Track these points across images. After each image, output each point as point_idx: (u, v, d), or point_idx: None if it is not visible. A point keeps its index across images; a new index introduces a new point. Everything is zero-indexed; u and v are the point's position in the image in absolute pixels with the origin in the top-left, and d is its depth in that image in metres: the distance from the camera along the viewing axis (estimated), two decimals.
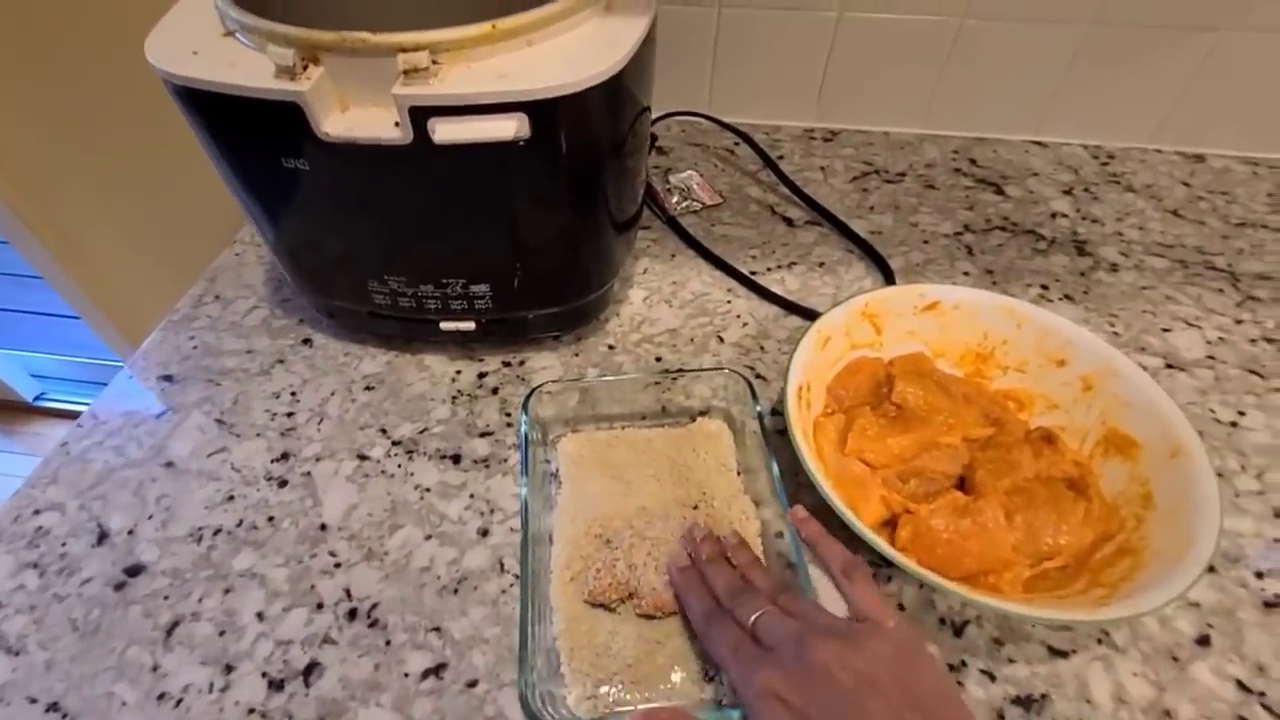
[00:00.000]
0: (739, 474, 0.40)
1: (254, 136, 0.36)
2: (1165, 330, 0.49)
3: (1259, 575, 0.36)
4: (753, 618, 0.30)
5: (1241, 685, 0.33)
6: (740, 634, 0.30)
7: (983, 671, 0.33)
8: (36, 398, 1.62)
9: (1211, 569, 0.36)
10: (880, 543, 0.32)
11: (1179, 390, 0.45)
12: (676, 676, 0.32)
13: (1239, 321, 0.50)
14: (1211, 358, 0.47)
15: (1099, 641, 0.34)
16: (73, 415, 1.62)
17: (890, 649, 0.27)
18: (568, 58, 0.34)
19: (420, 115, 0.33)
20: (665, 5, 0.40)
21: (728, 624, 0.30)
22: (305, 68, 0.33)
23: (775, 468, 0.37)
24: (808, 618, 0.29)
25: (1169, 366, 0.47)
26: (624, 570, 0.34)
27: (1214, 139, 0.64)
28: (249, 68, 0.33)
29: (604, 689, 0.32)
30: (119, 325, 1.13)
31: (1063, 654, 0.34)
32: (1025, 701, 0.32)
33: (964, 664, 0.33)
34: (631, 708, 0.31)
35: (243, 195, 0.40)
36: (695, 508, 0.38)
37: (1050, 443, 0.39)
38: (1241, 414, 0.44)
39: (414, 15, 0.37)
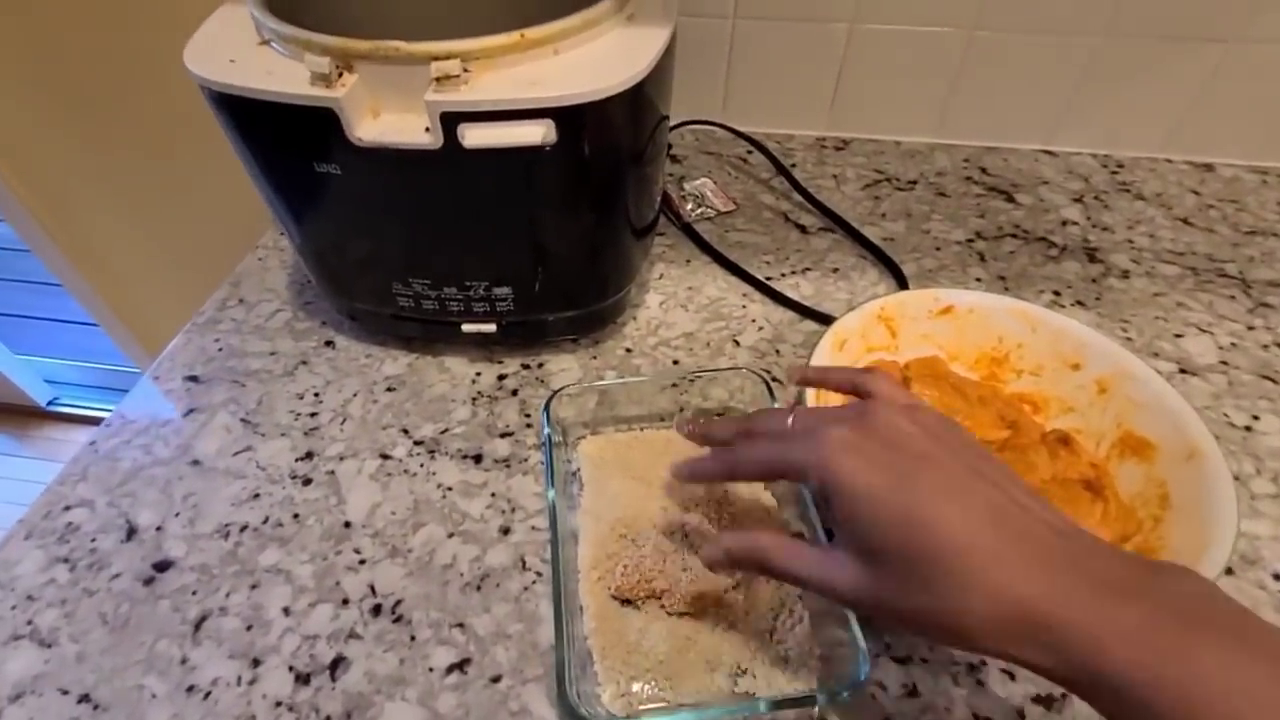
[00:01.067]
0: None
1: (288, 142, 0.37)
2: (1178, 336, 0.49)
3: (1276, 577, 0.36)
4: (790, 419, 0.27)
5: None
6: (783, 432, 0.27)
7: (1003, 671, 0.33)
8: (50, 403, 1.64)
9: (1229, 571, 0.36)
10: None
11: (1193, 395, 0.45)
12: (707, 672, 0.33)
13: (1251, 328, 0.50)
14: (1225, 363, 0.48)
15: None
16: (86, 420, 1.63)
17: (936, 417, 0.26)
18: (593, 66, 0.35)
19: (451, 121, 0.34)
20: (681, 17, 0.41)
21: (760, 437, 0.28)
22: (340, 75, 0.34)
23: None
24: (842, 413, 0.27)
25: (1182, 371, 0.47)
26: (650, 568, 0.34)
27: (1223, 148, 0.64)
28: (285, 75, 0.34)
29: (636, 686, 0.32)
30: (136, 332, 1.15)
31: None
32: (1046, 700, 0.32)
33: (983, 663, 0.34)
34: (665, 704, 0.32)
35: (273, 199, 0.41)
36: (717, 504, 0.38)
37: (1066, 445, 0.39)
38: (1256, 418, 0.44)
39: (441, 24, 0.38)
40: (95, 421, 0.43)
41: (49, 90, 0.85)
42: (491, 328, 0.46)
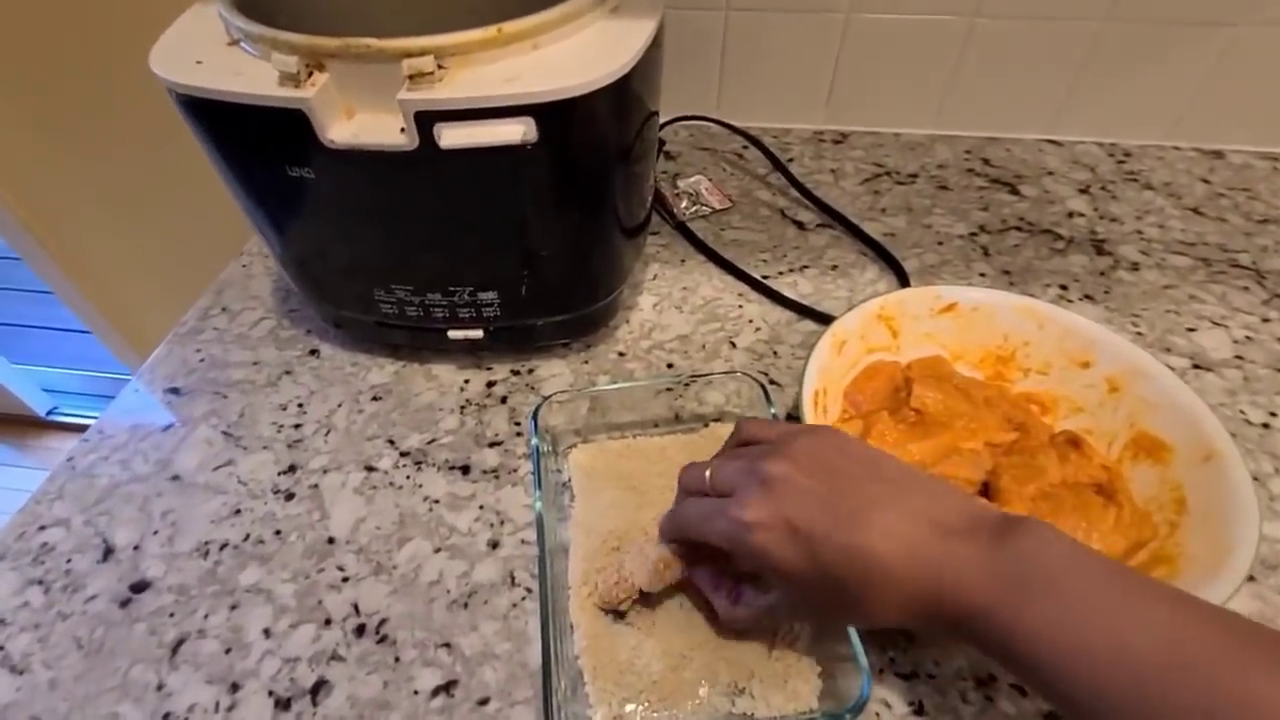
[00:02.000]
0: None
1: (259, 145, 0.35)
2: (1190, 330, 0.48)
3: None
4: (705, 475, 0.31)
5: None
6: (703, 500, 0.30)
7: (1013, 686, 0.32)
8: (49, 412, 1.63)
9: (1250, 577, 0.35)
10: None
11: (1207, 391, 0.44)
12: (704, 691, 0.31)
13: (1266, 320, 0.48)
14: (1240, 358, 0.46)
15: None
16: (85, 429, 1.62)
17: (811, 438, 0.29)
18: (574, 60, 0.34)
19: (426, 120, 0.32)
20: (672, 9, 0.40)
21: (689, 501, 0.31)
22: (310, 75, 0.32)
23: None
24: (749, 454, 0.30)
25: (1196, 367, 0.45)
26: (633, 571, 0.33)
27: (1233, 135, 0.62)
28: (253, 76, 0.33)
29: (630, 707, 0.31)
30: (129, 339, 1.14)
31: None
32: (1058, 718, 0.31)
33: (993, 678, 0.32)
34: None
35: (248, 205, 0.40)
36: None
37: (1077, 447, 0.37)
38: (1273, 415, 0.42)
39: (419, 21, 0.37)
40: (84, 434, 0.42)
41: (35, 99, 0.84)
42: (478, 334, 0.44)
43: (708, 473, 0.31)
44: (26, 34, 0.78)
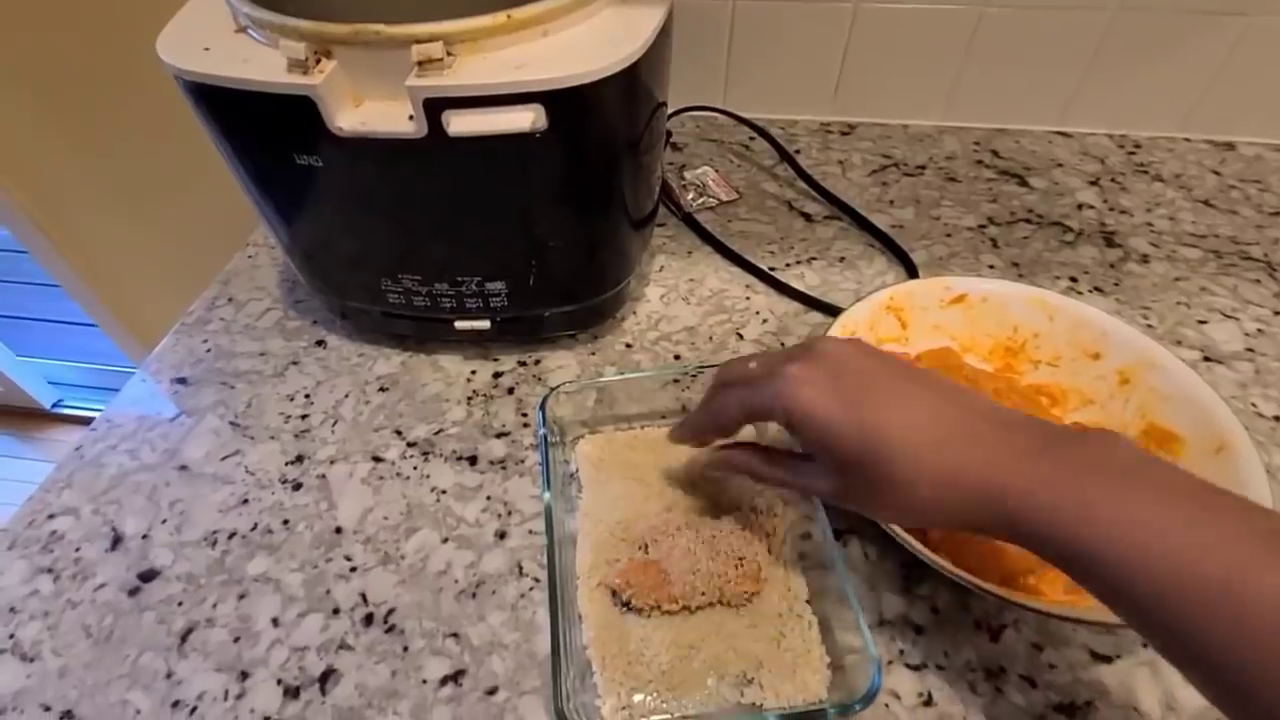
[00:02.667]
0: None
1: (267, 133, 0.35)
2: (1201, 322, 0.47)
3: None
4: (752, 364, 0.31)
5: None
6: (747, 377, 0.31)
7: (1023, 677, 0.32)
8: (54, 404, 1.64)
9: None
10: (913, 543, 0.31)
11: (1219, 384, 0.43)
12: (712, 682, 0.31)
13: (1277, 313, 0.48)
14: (1251, 350, 0.45)
15: (1144, 645, 0.33)
16: (90, 422, 1.63)
17: (859, 344, 0.30)
18: (584, 47, 0.34)
19: (435, 107, 0.32)
20: None
21: (729, 388, 0.31)
22: (318, 61, 0.32)
23: None
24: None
25: (1207, 359, 0.45)
26: (656, 573, 0.33)
27: (1244, 126, 0.62)
28: (261, 63, 0.33)
29: (638, 697, 0.31)
30: (135, 331, 1.14)
31: (1106, 659, 0.32)
32: (1069, 709, 0.31)
33: (1003, 670, 0.32)
34: (668, 716, 0.30)
35: (255, 194, 0.40)
36: (719, 507, 0.37)
37: None
38: None
39: (425, 6, 0.36)
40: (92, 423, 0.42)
41: (40, 91, 0.84)
42: (485, 324, 0.44)
43: (752, 363, 0.31)
44: (31, 25, 0.78)
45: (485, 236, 0.40)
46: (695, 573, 0.33)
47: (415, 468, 0.41)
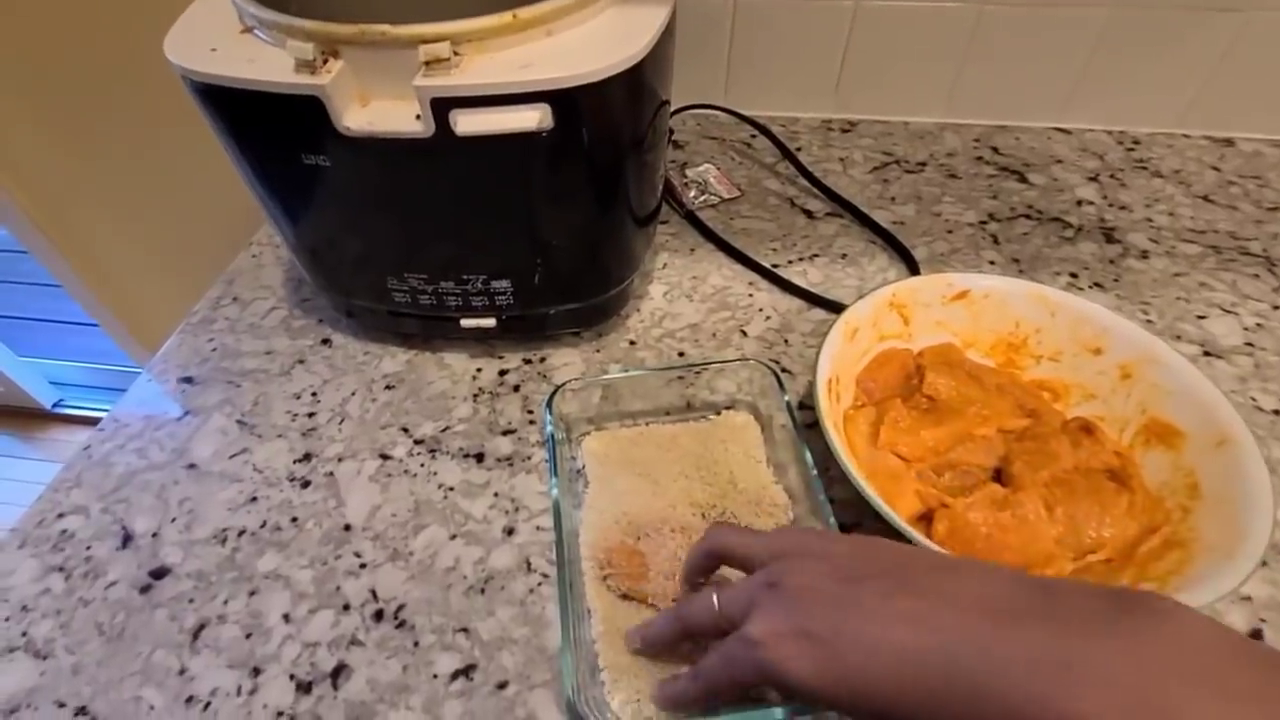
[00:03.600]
0: (769, 467, 0.39)
1: (274, 133, 0.35)
2: (1201, 317, 0.48)
3: None
4: (713, 602, 0.27)
5: None
6: (715, 635, 0.27)
7: None
8: (55, 404, 1.64)
9: (1263, 562, 0.35)
10: (918, 537, 0.31)
11: (1218, 378, 0.44)
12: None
13: (1277, 307, 0.48)
14: (1250, 344, 0.46)
15: None
16: (90, 421, 1.63)
17: (847, 543, 0.26)
18: (590, 47, 0.34)
19: (442, 107, 0.32)
20: None
21: (706, 652, 0.28)
22: (325, 61, 0.32)
23: (809, 458, 0.36)
24: (761, 567, 0.27)
25: (1206, 354, 0.45)
26: (638, 564, 0.33)
27: (1243, 122, 0.62)
28: (268, 63, 0.33)
29: (648, 690, 0.31)
30: (136, 332, 1.14)
31: None
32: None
33: None
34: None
35: (262, 193, 0.40)
36: (723, 497, 0.37)
37: (1089, 433, 0.38)
38: None
39: (432, 6, 0.37)
40: (100, 423, 0.42)
41: (40, 90, 0.84)
42: (491, 322, 0.44)
43: (712, 605, 0.27)
44: (31, 25, 0.78)
45: (491, 235, 0.40)
46: (672, 578, 0.33)
47: (423, 465, 0.42)
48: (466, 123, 0.32)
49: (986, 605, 0.21)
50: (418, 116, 0.33)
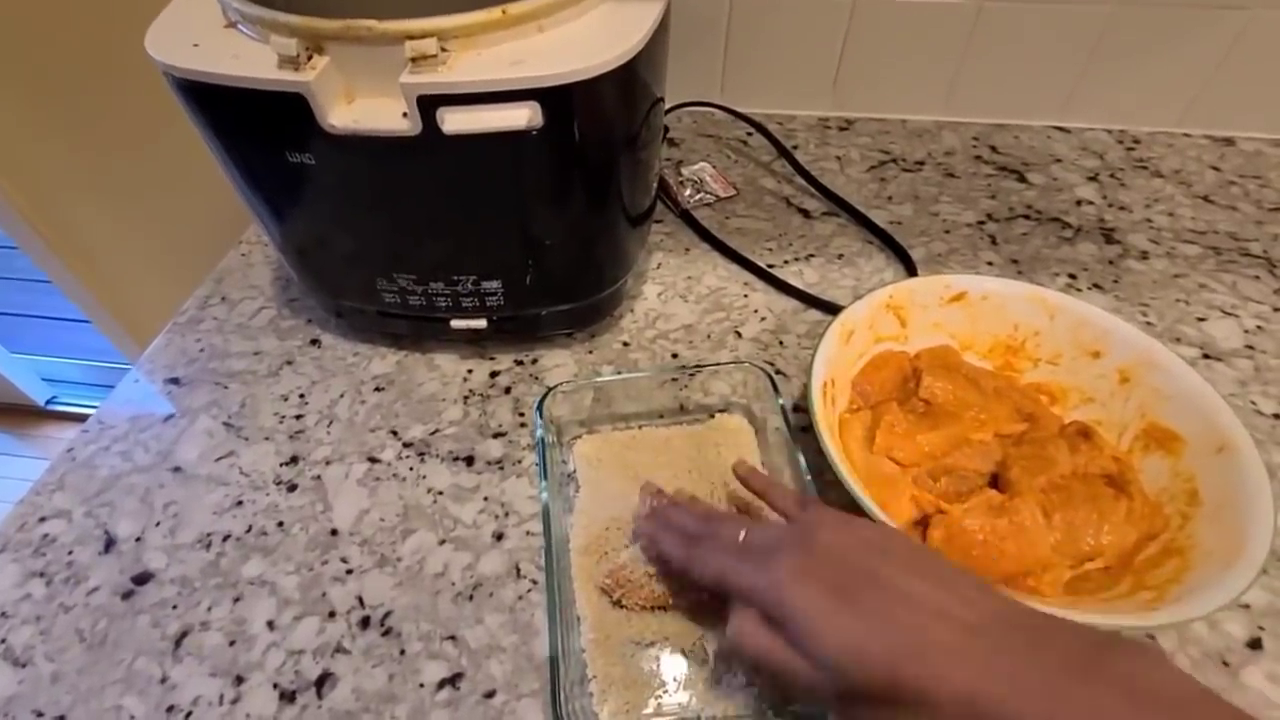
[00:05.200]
0: (763, 471, 0.39)
1: (258, 130, 0.35)
2: (1200, 319, 0.47)
3: None
4: (742, 533, 0.29)
5: None
6: (735, 546, 0.29)
7: None
8: (48, 401, 1.63)
9: (1264, 570, 0.34)
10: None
11: (1218, 381, 0.43)
12: (716, 677, 0.31)
13: (1277, 309, 0.48)
14: (1250, 347, 0.45)
15: None
16: (84, 419, 1.62)
17: (870, 526, 0.28)
18: (581, 43, 0.33)
19: (429, 105, 0.31)
20: None
21: (715, 543, 0.30)
22: (309, 58, 0.32)
23: (803, 462, 0.35)
24: (790, 526, 0.29)
25: (1206, 357, 0.45)
26: (643, 572, 0.33)
27: (1244, 121, 0.62)
28: (252, 59, 0.32)
29: (637, 700, 0.30)
30: (128, 328, 1.13)
31: None
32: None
33: None
34: (671, 718, 0.30)
35: (247, 192, 0.39)
36: (711, 495, 0.37)
37: (1087, 438, 0.37)
38: None
39: (419, 1, 0.36)
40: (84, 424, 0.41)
41: (31, 85, 0.83)
42: (482, 323, 0.44)
43: (744, 531, 0.29)
44: (22, 20, 0.77)
45: (481, 235, 0.39)
46: (671, 577, 0.33)
47: (412, 468, 0.41)
48: (454, 121, 0.32)
49: (995, 615, 0.23)
50: (404, 114, 0.32)
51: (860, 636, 0.23)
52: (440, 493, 0.40)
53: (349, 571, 0.36)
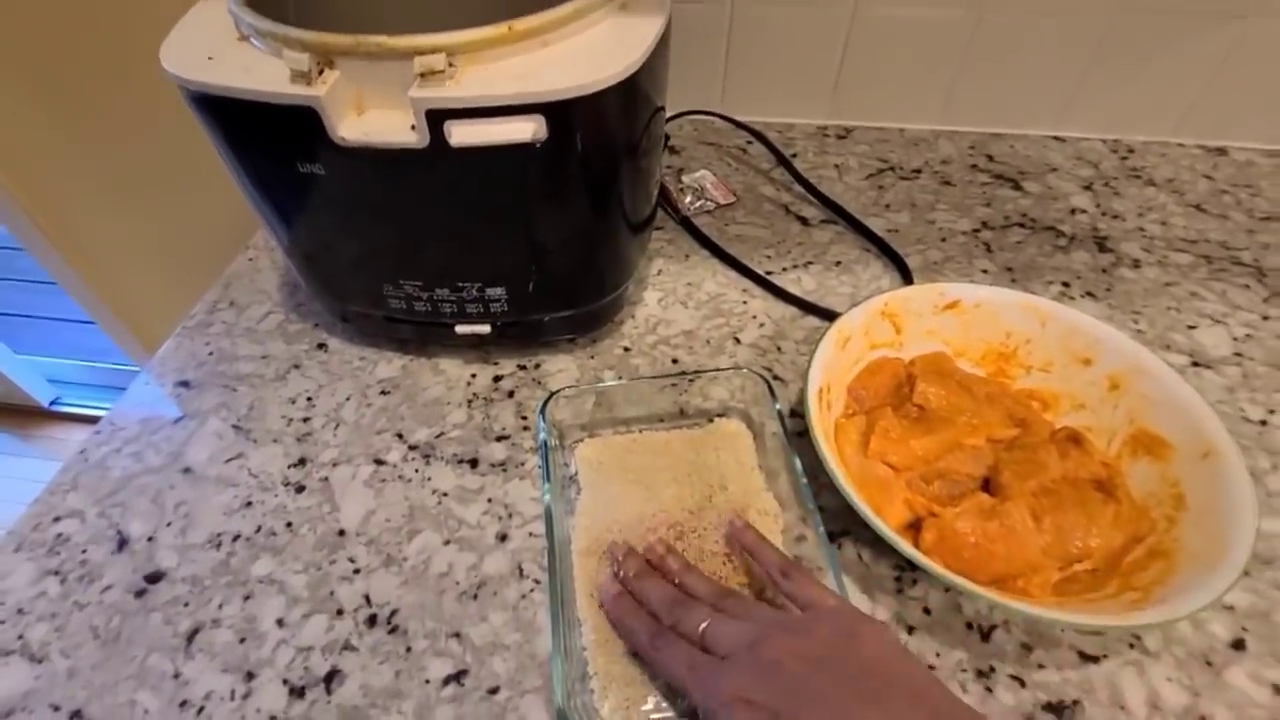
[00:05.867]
0: (760, 474, 0.40)
1: (270, 141, 0.36)
2: (1191, 327, 0.48)
3: None
4: (700, 628, 0.29)
5: (1278, 690, 0.32)
6: (690, 649, 0.29)
7: (1012, 677, 0.33)
8: (52, 402, 1.63)
9: (1245, 572, 0.35)
10: (905, 546, 0.31)
11: (1206, 388, 0.44)
12: None
13: (1266, 318, 0.49)
14: (1239, 355, 0.46)
15: (1131, 646, 0.33)
16: (88, 420, 1.63)
17: (831, 627, 0.28)
18: (585, 58, 0.34)
19: (437, 118, 0.32)
20: (676, 3, 0.40)
21: (675, 642, 0.30)
22: (321, 72, 0.33)
23: (799, 466, 0.36)
24: (752, 618, 0.29)
25: (1195, 364, 0.46)
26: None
27: (1237, 131, 0.63)
28: (264, 73, 0.33)
29: (637, 697, 0.31)
30: (133, 330, 1.14)
31: (1094, 659, 0.33)
32: (1057, 708, 0.32)
33: (993, 669, 0.33)
34: (666, 717, 0.31)
35: (257, 200, 0.40)
36: (710, 499, 0.37)
37: (1077, 443, 0.38)
38: (1271, 412, 0.43)
39: (427, 17, 0.37)
40: (97, 421, 0.42)
41: (40, 89, 0.84)
42: (486, 329, 0.45)
43: (702, 626, 0.29)
44: (31, 22, 0.78)
45: (486, 242, 0.40)
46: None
47: (417, 470, 0.42)
48: (461, 134, 0.33)
49: None
50: (412, 127, 0.33)
51: None
52: (445, 494, 0.41)
53: (356, 571, 0.37)
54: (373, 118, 0.34)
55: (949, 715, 0.25)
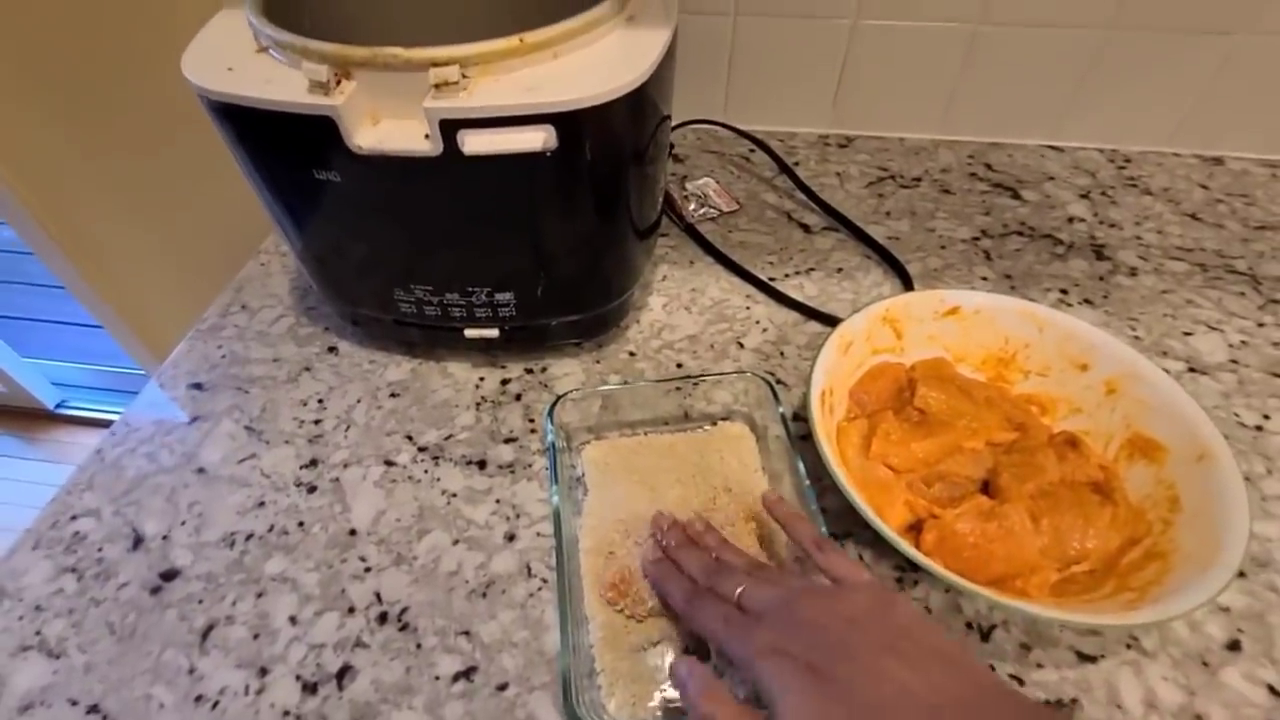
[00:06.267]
0: (764, 476, 0.40)
1: (287, 149, 0.37)
2: (1187, 334, 0.49)
3: None
4: (737, 591, 0.30)
5: (1273, 690, 0.32)
6: (728, 607, 0.30)
7: (1011, 675, 0.33)
8: (57, 405, 1.64)
9: (1241, 574, 0.36)
10: (906, 546, 0.32)
11: (1202, 394, 0.45)
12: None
13: (1261, 325, 0.49)
14: (1235, 361, 0.47)
15: (1128, 646, 0.34)
16: (93, 423, 1.64)
17: (867, 597, 0.29)
18: (594, 69, 0.35)
19: (450, 128, 0.33)
20: (681, 15, 0.41)
21: (711, 600, 0.31)
22: (339, 82, 0.34)
23: (802, 468, 0.37)
24: (787, 585, 0.30)
25: (1191, 370, 0.47)
26: (642, 582, 0.34)
27: (1232, 141, 0.64)
28: (284, 83, 0.34)
29: (643, 693, 0.32)
30: (140, 334, 1.15)
31: (1091, 659, 0.34)
32: (1055, 706, 0.32)
33: (992, 668, 0.33)
34: (672, 713, 0.31)
35: (273, 206, 0.41)
36: (714, 501, 0.38)
37: (1074, 447, 0.39)
38: (1266, 417, 0.43)
39: (435, 28, 0.38)
40: (103, 424, 0.43)
41: (49, 92, 0.85)
42: (494, 333, 0.45)
43: (739, 589, 0.30)
44: (41, 28, 0.79)
45: (495, 248, 0.41)
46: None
47: (426, 471, 0.43)
48: (474, 143, 0.34)
49: (956, 696, 0.24)
50: (426, 136, 0.34)
51: (820, 715, 0.24)
52: (454, 495, 0.41)
53: (367, 569, 0.38)
54: (388, 127, 0.35)
55: (987, 685, 0.25)
